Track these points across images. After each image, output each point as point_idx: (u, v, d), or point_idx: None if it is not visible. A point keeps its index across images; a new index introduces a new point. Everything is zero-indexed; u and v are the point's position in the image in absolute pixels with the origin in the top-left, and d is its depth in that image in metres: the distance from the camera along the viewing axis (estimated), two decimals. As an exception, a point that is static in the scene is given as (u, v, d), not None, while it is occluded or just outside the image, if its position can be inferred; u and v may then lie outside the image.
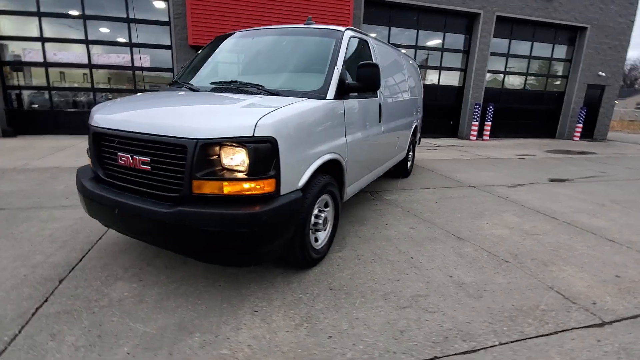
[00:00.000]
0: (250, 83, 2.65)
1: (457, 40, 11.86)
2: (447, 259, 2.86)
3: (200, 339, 1.85)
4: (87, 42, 8.91)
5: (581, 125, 13.30)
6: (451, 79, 12.24)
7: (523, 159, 8.53)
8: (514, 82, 13.11)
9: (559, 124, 13.84)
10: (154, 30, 9.19)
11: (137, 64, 9.16)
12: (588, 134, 14.05)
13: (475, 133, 11.80)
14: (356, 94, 2.96)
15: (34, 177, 4.94)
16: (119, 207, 2.12)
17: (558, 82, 13.63)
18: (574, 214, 4.18)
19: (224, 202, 1.97)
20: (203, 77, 3.12)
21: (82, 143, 8.13)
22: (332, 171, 2.71)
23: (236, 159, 1.94)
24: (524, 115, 13.30)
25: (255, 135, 1.92)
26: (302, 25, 3.23)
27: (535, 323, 2.08)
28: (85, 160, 5.90)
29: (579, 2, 12.12)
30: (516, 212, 4.16)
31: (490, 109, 11.77)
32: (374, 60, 3.49)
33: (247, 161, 1.93)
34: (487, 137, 12.01)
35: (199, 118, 2.04)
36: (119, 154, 2.20)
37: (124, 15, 8.85)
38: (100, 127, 2.32)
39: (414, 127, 5.48)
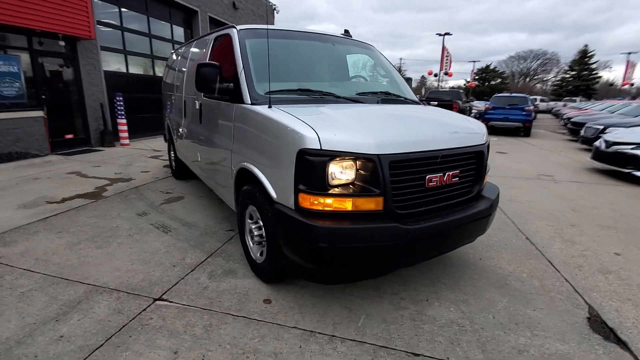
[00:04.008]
0: (394, 94, 2.92)
1: (186, 34, 12.00)
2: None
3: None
4: None
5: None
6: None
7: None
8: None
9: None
10: None
11: None
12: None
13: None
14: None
15: None
16: (453, 226, 2.16)
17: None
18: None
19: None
20: (321, 84, 2.76)
21: None
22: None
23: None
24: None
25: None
26: (343, 35, 3.44)
27: None
28: None
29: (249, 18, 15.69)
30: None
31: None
32: None
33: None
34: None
35: (472, 127, 2.50)
36: (428, 176, 2.10)
37: None
38: (400, 153, 1.96)
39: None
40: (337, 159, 1.87)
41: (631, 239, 3.53)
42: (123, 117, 8.42)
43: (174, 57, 5.34)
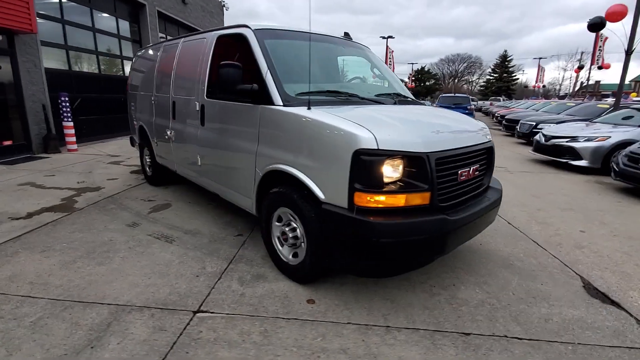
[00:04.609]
0: (403, 95, 3.08)
1: (133, 29, 11.05)
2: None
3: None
4: None
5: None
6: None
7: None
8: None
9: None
10: None
11: None
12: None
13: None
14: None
15: None
16: (481, 214, 2.39)
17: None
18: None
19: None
20: (338, 85, 2.79)
21: None
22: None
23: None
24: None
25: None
26: (345, 37, 3.51)
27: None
28: None
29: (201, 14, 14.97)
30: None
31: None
32: None
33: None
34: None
35: (481, 126, 2.75)
36: (460, 171, 2.30)
37: None
38: (443, 150, 2.13)
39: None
40: (392, 157, 1.97)
41: (588, 218, 4.16)
42: (70, 119, 7.54)
43: (150, 55, 4.95)
